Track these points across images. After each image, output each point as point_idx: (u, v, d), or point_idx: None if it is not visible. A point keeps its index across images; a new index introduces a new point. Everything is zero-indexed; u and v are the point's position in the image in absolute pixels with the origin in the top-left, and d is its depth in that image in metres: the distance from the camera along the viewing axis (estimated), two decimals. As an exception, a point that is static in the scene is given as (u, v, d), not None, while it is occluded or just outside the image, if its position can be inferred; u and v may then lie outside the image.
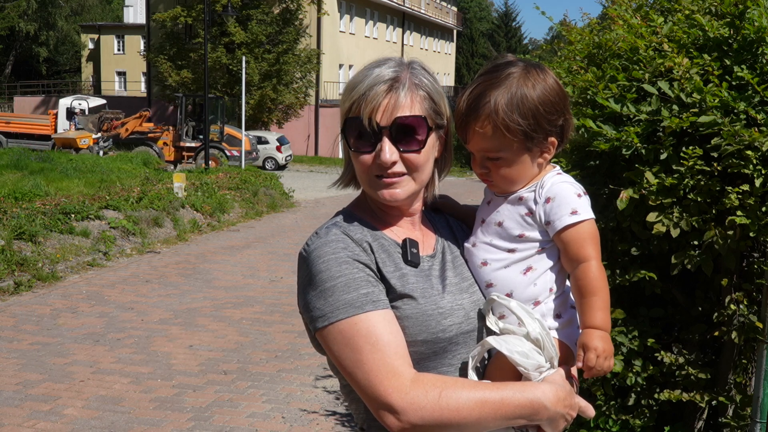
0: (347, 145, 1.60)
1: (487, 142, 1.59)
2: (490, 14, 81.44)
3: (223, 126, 25.46)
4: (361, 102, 1.54)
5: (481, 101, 1.58)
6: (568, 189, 1.62)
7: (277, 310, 8.61)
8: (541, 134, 1.60)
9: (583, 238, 1.59)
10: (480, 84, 1.61)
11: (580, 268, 1.59)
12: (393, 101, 1.54)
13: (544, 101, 1.58)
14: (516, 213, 1.65)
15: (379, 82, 1.54)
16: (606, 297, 1.59)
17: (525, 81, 1.58)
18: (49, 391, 5.99)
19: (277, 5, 33.63)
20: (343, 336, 1.50)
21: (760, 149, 2.67)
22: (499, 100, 1.56)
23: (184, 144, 24.79)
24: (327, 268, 1.52)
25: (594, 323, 1.56)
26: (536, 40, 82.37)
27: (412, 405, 1.44)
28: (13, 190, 12.62)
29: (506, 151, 1.59)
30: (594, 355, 1.54)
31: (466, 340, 1.61)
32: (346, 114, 1.59)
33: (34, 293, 9.12)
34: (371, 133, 1.54)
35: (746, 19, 2.86)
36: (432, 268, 1.64)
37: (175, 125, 25.64)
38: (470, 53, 72.19)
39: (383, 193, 1.58)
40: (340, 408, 5.75)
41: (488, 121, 1.57)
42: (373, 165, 1.57)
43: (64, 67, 60.57)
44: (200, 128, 24.65)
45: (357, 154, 1.58)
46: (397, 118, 1.54)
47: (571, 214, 1.59)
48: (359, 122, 1.55)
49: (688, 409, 3.24)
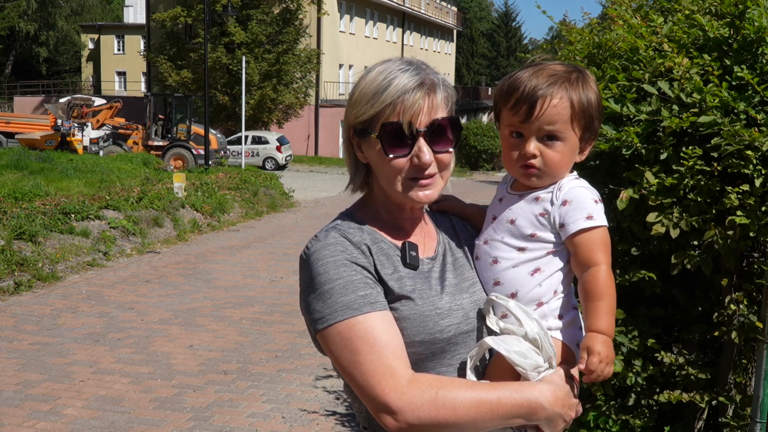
0: (383, 151, 1.57)
1: (558, 119, 1.60)
2: (490, 14, 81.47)
3: (190, 125, 25.61)
4: (398, 106, 1.55)
5: (558, 80, 1.61)
6: (585, 194, 1.64)
7: (277, 310, 8.61)
8: (593, 132, 1.67)
9: (596, 243, 1.60)
10: (548, 66, 1.65)
11: (590, 272, 1.59)
12: (431, 104, 1.57)
13: (599, 102, 1.66)
14: (530, 212, 1.65)
15: (413, 86, 1.55)
16: (612, 303, 1.59)
17: (590, 78, 1.66)
18: (49, 391, 5.99)
19: (277, 5, 33.63)
20: (341, 337, 1.51)
21: (760, 149, 2.67)
22: (581, 83, 1.62)
23: (152, 143, 24.97)
24: (325, 271, 1.54)
25: (599, 327, 1.56)
26: (536, 40, 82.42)
27: (409, 405, 1.44)
28: (13, 190, 12.61)
29: (568, 134, 1.62)
30: (597, 359, 1.53)
31: (465, 341, 1.61)
32: (376, 120, 1.57)
33: (34, 293, 9.12)
34: (408, 136, 1.56)
35: (746, 19, 2.86)
36: (432, 270, 1.65)
37: (144, 124, 25.86)
38: (470, 53, 72.19)
39: (418, 195, 1.60)
40: (340, 408, 5.75)
41: (566, 99, 1.60)
42: (409, 168, 1.58)
43: (64, 67, 60.57)
44: (168, 127, 25.12)
45: (391, 159, 1.57)
46: (434, 120, 1.56)
47: (587, 219, 1.60)
48: (396, 127, 1.55)
49: (688, 409, 3.24)
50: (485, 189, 22.36)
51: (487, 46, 75.01)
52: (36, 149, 22.05)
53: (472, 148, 34.69)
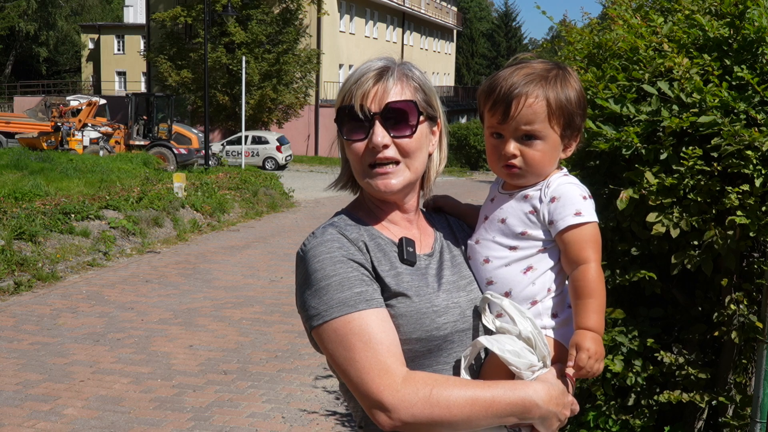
0: (340, 134, 1.63)
1: (535, 118, 1.59)
2: (490, 14, 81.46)
3: (171, 124, 25.73)
4: (353, 90, 1.57)
5: (534, 78, 1.60)
6: (573, 190, 1.63)
7: (277, 310, 8.61)
8: (575, 129, 1.65)
9: (585, 240, 1.60)
10: (528, 65, 1.64)
11: (579, 269, 1.59)
12: (383, 87, 1.57)
13: (580, 98, 1.65)
14: (520, 210, 1.65)
15: (370, 70, 1.59)
16: (602, 300, 1.59)
17: (570, 75, 1.65)
18: (49, 391, 5.99)
19: (277, 5, 33.63)
20: (336, 334, 1.51)
21: (760, 149, 2.67)
22: (559, 80, 1.62)
23: (134, 143, 25.10)
24: (322, 267, 1.54)
25: (588, 325, 1.57)
26: (536, 40, 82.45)
27: (403, 402, 1.45)
28: (13, 190, 12.62)
29: (547, 133, 1.61)
30: (586, 356, 1.54)
31: (461, 338, 1.61)
32: (339, 104, 1.62)
33: (34, 293, 9.12)
34: (363, 119, 1.57)
35: (746, 19, 2.86)
36: (429, 266, 1.65)
37: (126, 123, 25.97)
38: (470, 53, 72.19)
39: (377, 184, 1.59)
40: (340, 408, 5.75)
41: (542, 97, 1.59)
42: (366, 153, 1.58)
43: (64, 67, 60.57)
44: (150, 127, 25.32)
45: (350, 143, 1.60)
46: (388, 103, 1.57)
47: (575, 215, 1.60)
48: (351, 109, 1.57)
49: (688, 409, 3.24)
50: (485, 189, 22.14)
51: (487, 46, 75.00)
52: (36, 149, 22.07)
53: (472, 148, 34.60)
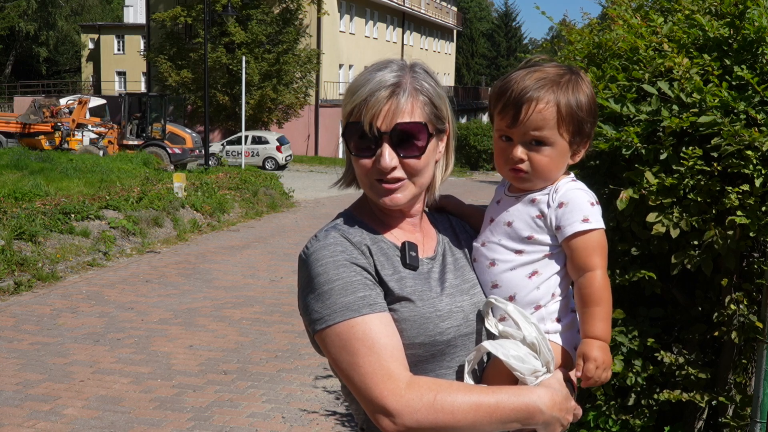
0: (347, 149, 1.61)
1: (544, 124, 1.58)
2: (490, 14, 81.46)
3: (164, 124, 25.73)
4: (363, 107, 1.53)
5: (546, 83, 1.58)
6: (581, 196, 1.62)
7: (277, 310, 8.61)
8: (584, 136, 1.64)
9: (592, 246, 1.59)
10: (541, 68, 1.62)
11: (586, 276, 1.58)
12: (394, 107, 1.53)
13: (592, 105, 1.63)
14: (527, 214, 1.64)
15: (381, 87, 1.53)
16: (608, 308, 1.58)
17: (583, 81, 1.63)
18: (49, 391, 5.99)
19: (277, 5, 33.63)
20: (340, 339, 1.50)
21: (760, 149, 2.67)
22: (571, 86, 1.60)
23: (127, 142, 25.13)
24: (325, 271, 1.52)
25: (595, 333, 1.56)
26: (536, 40, 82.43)
27: (407, 408, 1.44)
28: (13, 190, 12.62)
29: (555, 139, 1.60)
30: (593, 365, 1.54)
31: (465, 343, 1.60)
32: (347, 118, 1.58)
33: (34, 293, 9.12)
34: (372, 138, 1.54)
35: (746, 19, 2.86)
36: (432, 270, 1.63)
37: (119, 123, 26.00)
38: (470, 53, 72.19)
39: (384, 200, 1.58)
40: (340, 408, 5.75)
41: (552, 103, 1.57)
42: (373, 169, 1.56)
43: (64, 67, 60.56)
44: (143, 126, 25.35)
45: (357, 159, 1.58)
46: (397, 124, 1.53)
47: (583, 222, 1.59)
48: (360, 127, 1.54)
49: (688, 409, 3.24)
50: (485, 189, 22.35)
51: (487, 46, 75.01)
52: (36, 149, 22.09)
53: (472, 148, 34.65)
